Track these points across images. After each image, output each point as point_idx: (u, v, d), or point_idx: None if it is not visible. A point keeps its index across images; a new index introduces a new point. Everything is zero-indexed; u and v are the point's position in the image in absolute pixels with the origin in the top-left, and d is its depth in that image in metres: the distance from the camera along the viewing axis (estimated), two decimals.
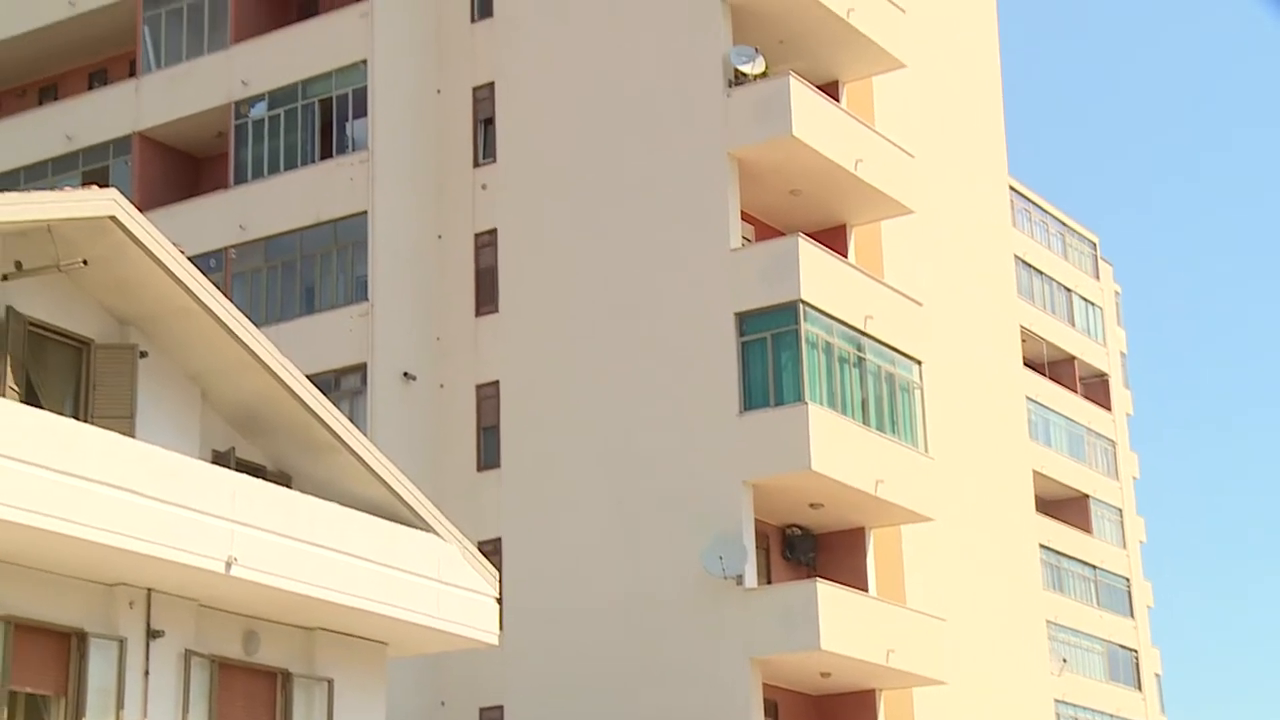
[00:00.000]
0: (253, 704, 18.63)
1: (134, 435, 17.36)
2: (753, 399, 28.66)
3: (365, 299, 31.27)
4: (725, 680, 27.65)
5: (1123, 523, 62.28)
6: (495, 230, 31.81)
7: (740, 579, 27.78)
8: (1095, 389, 62.91)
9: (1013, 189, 52.83)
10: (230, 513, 17.22)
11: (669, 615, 28.35)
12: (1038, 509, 45.87)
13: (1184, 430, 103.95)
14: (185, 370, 18.62)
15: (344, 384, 30.93)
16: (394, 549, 19.20)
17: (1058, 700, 49.00)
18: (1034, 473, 41.85)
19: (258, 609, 18.42)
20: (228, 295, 26.19)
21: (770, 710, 28.46)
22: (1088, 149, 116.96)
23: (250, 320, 18.75)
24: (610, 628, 28.86)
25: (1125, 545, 61.89)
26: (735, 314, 29.03)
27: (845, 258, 31.41)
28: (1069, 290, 62.62)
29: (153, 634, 17.35)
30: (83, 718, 16.68)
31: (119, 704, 16.97)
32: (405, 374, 31.10)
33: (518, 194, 31.70)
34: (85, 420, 17.08)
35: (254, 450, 19.54)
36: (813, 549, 30.60)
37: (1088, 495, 60.10)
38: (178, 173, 35.40)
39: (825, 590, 27.66)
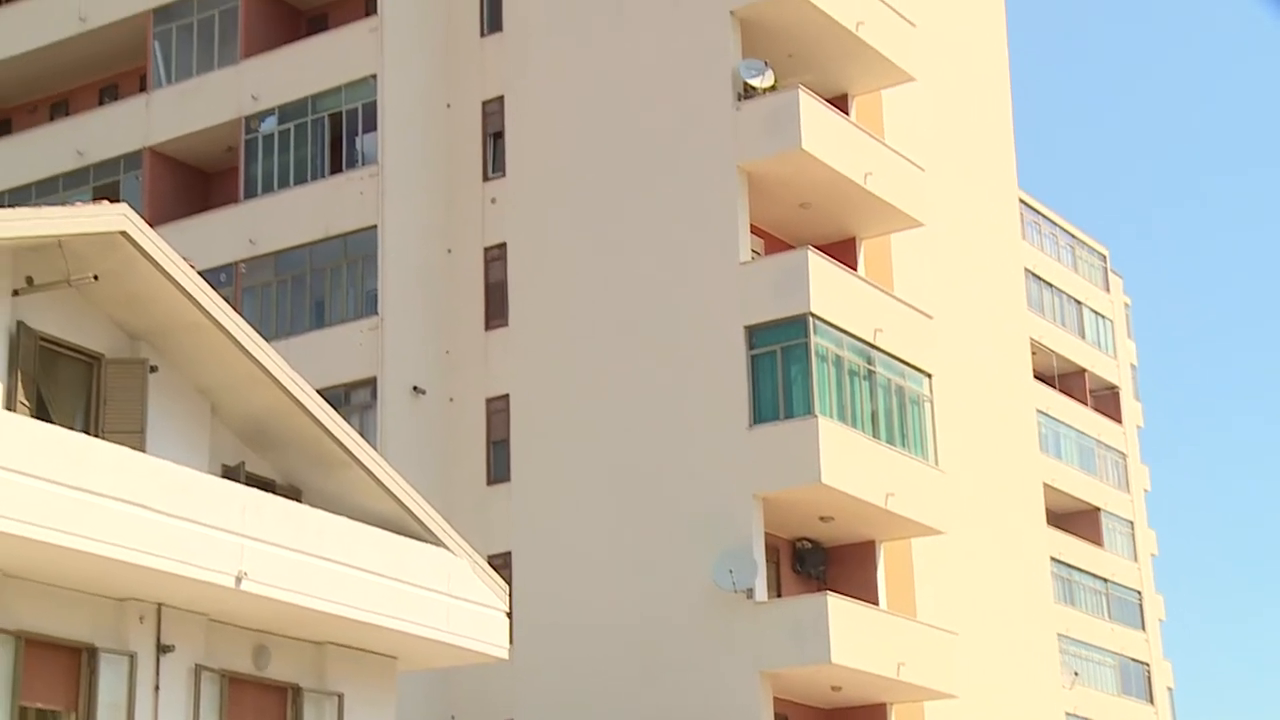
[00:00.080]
0: (263, 719, 18.63)
1: (144, 450, 17.38)
2: (762, 412, 28.65)
3: (375, 313, 31.30)
4: (735, 694, 27.60)
5: (1134, 535, 62.16)
6: (505, 244, 31.85)
7: (750, 592, 27.74)
8: (1106, 401, 62.82)
9: (1022, 202, 52.82)
10: (240, 527, 17.23)
11: (679, 629, 28.31)
12: (1048, 522, 45.76)
13: (1195, 443, 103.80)
14: (195, 385, 18.65)
15: (354, 398, 30.96)
16: (404, 563, 19.21)
17: (1069, 714, 48.83)
18: (1044, 485, 41.79)
19: (268, 623, 18.42)
20: (238, 310, 26.23)
21: None
22: (1098, 162, 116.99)
23: (260, 334, 18.78)
24: (620, 641, 28.83)
25: (1136, 558, 61.76)
26: (745, 327, 29.03)
27: (855, 271, 31.40)
28: (1079, 303, 62.57)
29: (163, 649, 17.36)
30: None
31: (129, 719, 16.97)
32: (415, 388, 31.12)
33: (527, 208, 31.73)
34: (95, 435, 17.10)
35: (264, 465, 19.56)
36: (823, 562, 30.57)
37: (1099, 508, 59.99)
38: (188, 187, 35.49)
39: (836, 603, 27.62)
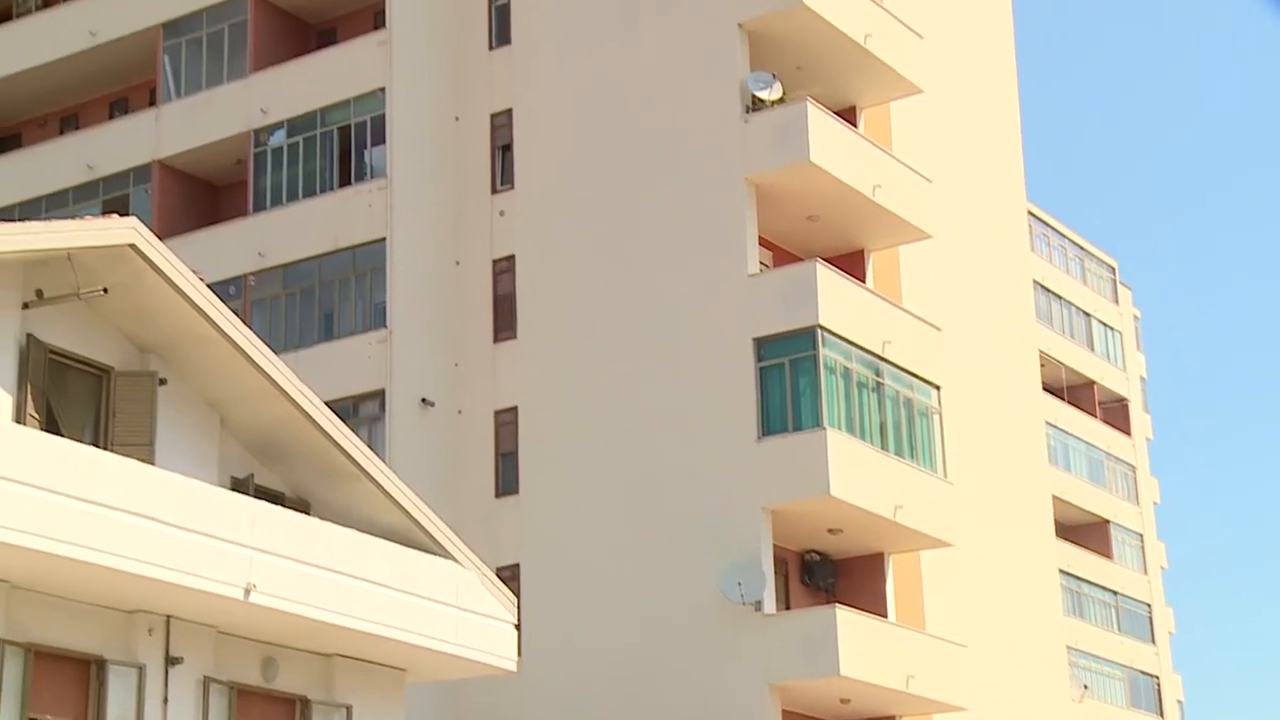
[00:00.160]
0: None
1: (153, 462, 17.41)
2: (771, 424, 28.64)
3: (384, 325, 31.34)
4: (744, 707, 27.56)
5: (1143, 548, 62.03)
6: (513, 256, 31.87)
7: (759, 605, 27.72)
8: (1115, 413, 62.74)
9: (1031, 214, 52.79)
10: (249, 539, 17.25)
11: (687, 641, 28.29)
12: (1058, 534, 45.70)
13: (1205, 455, 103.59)
14: (204, 397, 18.68)
15: (362, 410, 30.98)
16: (412, 575, 19.21)
17: None
18: (1054, 498, 41.74)
19: (276, 636, 18.43)
20: (247, 322, 26.29)
21: None
22: (1106, 173, 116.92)
23: (269, 347, 18.81)
24: (628, 653, 28.80)
25: (1146, 571, 61.62)
26: (753, 339, 29.03)
27: (863, 283, 31.40)
28: (1088, 315, 62.52)
29: (172, 661, 17.37)
30: None
31: None
32: (424, 400, 31.14)
33: (536, 220, 31.77)
34: (105, 447, 17.13)
35: (273, 477, 19.58)
36: (832, 574, 30.53)
37: (1108, 520, 59.88)
38: (197, 200, 35.57)
39: (844, 616, 27.58)
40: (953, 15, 36.61)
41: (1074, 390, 60.32)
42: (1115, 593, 59.21)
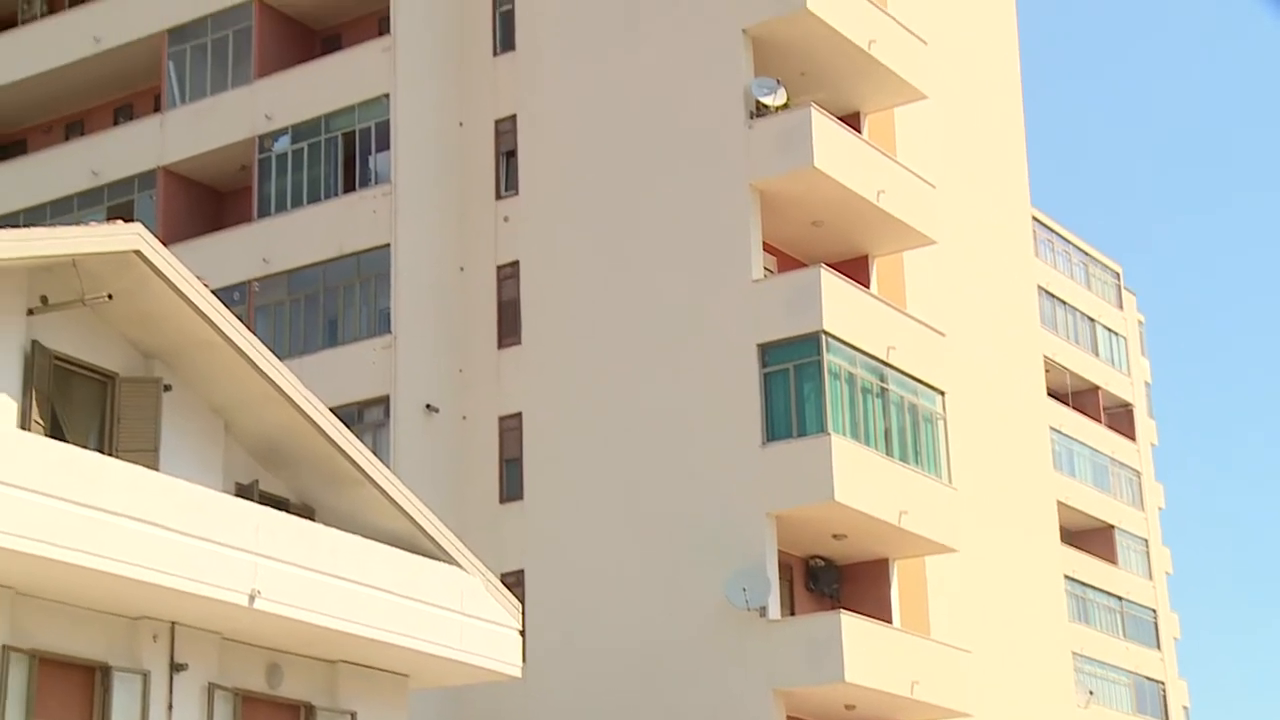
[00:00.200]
0: None
1: (158, 468, 17.42)
2: (775, 430, 28.63)
3: (388, 331, 31.35)
4: (748, 713, 27.54)
5: (1148, 553, 61.98)
6: (517, 262, 31.89)
7: (763, 611, 27.70)
8: (1119, 419, 62.71)
9: (1035, 219, 52.77)
10: (253, 546, 17.25)
11: (692, 647, 28.27)
12: (1062, 540, 45.65)
13: (1210, 460, 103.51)
14: (209, 403, 18.69)
15: (367, 416, 30.99)
16: (417, 581, 19.22)
17: None
18: (1058, 503, 41.69)
19: (281, 642, 18.43)
20: (251, 328, 26.32)
21: None
22: (1111, 179, 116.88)
23: (273, 353, 18.83)
24: (633, 659, 28.79)
25: (1151, 576, 61.56)
26: (758, 345, 29.03)
27: (867, 288, 31.39)
28: (1092, 320, 62.49)
29: (176, 667, 17.38)
30: None
31: None
32: (428, 406, 31.15)
33: (540, 226, 31.78)
34: (109, 454, 17.15)
35: (277, 483, 19.59)
36: (836, 580, 30.51)
37: (1113, 526, 59.84)
38: (202, 206, 35.60)
39: (849, 622, 27.56)
40: (957, 21, 36.62)
41: (1078, 395, 60.30)
42: (1120, 598, 59.14)
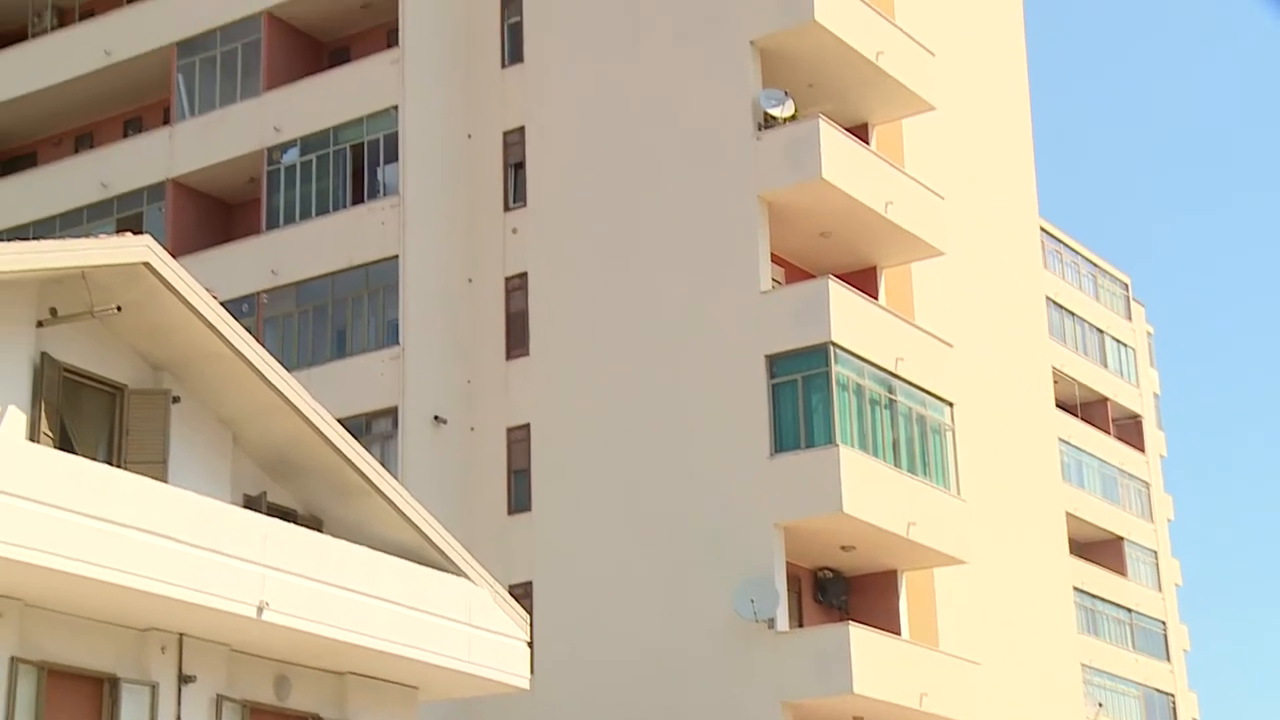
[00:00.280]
0: None
1: (166, 480, 17.44)
2: (784, 441, 28.62)
3: (396, 343, 31.38)
4: None
5: (1158, 565, 61.85)
6: (526, 274, 31.91)
7: (772, 622, 27.67)
8: (1128, 430, 62.60)
9: (1043, 230, 52.76)
10: (262, 557, 17.26)
11: (700, 659, 28.24)
12: (1071, 551, 45.59)
13: (1219, 471, 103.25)
14: (217, 415, 18.71)
15: (375, 428, 31.01)
16: (425, 593, 19.21)
17: None
18: (1067, 515, 41.60)
19: (289, 654, 18.43)
20: (260, 340, 26.34)
21: None
22: (1119, 190, 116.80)
23: (282, 364, 18.85)
24: (641, 671, 28.76)
25: (1160, 588, 61.42)
26: (766, 356, 29.02)
27: (876, 300, 31.39)
28: (1101, 331, 62.42)
29: (184, 679, 17.38)
30: None
31: None
32: (436, 417, 31.16)
33: (548, 237, 31.81)
34: (118, 465, 17.16)
35: (285, 494, 19.60)
36: (845, 592, 30.47)
37: (1122, 537, 59.71)
38: (211, 218, 35.67)
39: (858, 633, 27.53)
40: (964, 32, 36.64)
41: (1087, 407, 60.21)
42: (1130, 610, 59.00)
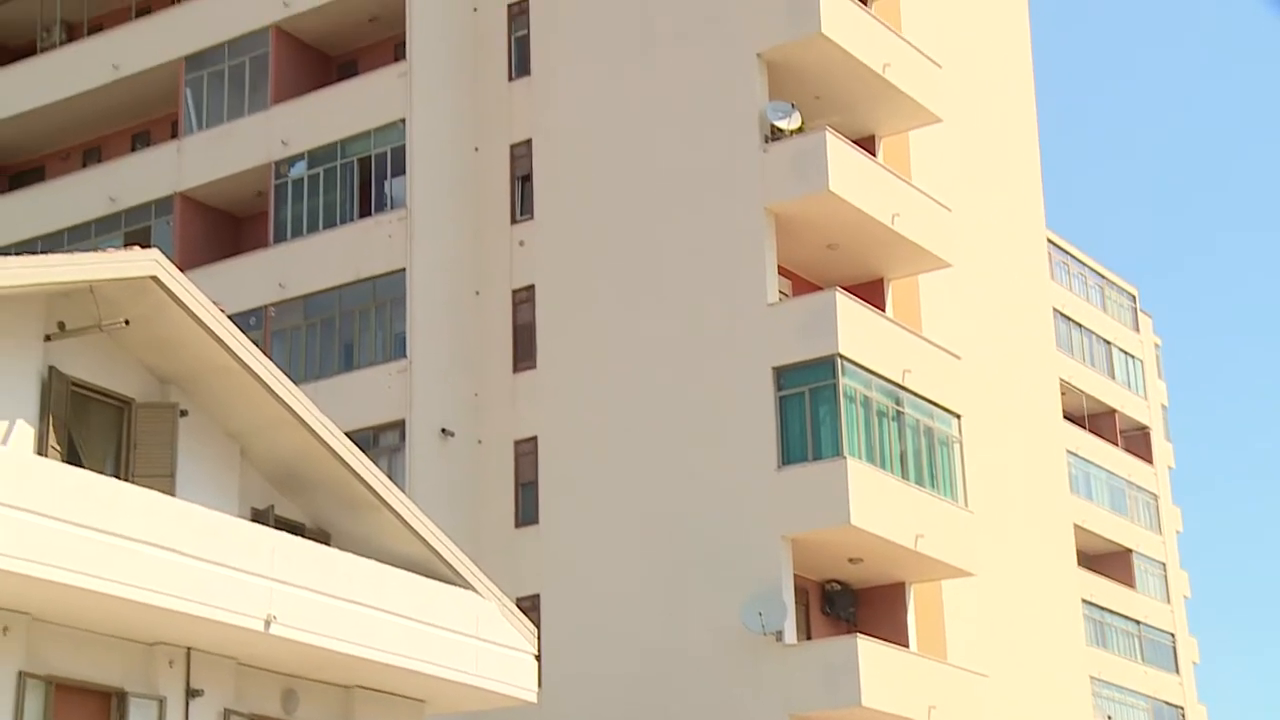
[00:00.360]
0: None
1: (174, 494, 17.44)
2: (791, 453, 28.59)
3: (404, 356, 31.40)
4: None
5: (1166, 577, 61.72)
6: (533, 286, 31.93)
7: (780, 635, 27.63)
8: (1136, 442, 62.51)
9: (1051, 242, 52.71)
10: (269, 571, 17.25)
11: (708, 671, 28.20)
12: (1080, 563, 45.49)
13: (1227, 483, 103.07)
14: (225, 428, 18.71)
15: (382, 441, 31.01)
16: (432, 606, 19.19)
17: None
18: (1075, 527, 41.54)
19: (297, 667, 18.42)
20: (267, 353, 26.33)
21: None
22: (1126, 201, 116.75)
23: (289, 378, 18.85)
24: (649, 684, 28.71)
25: (1169, 600, 61.29)
26: (773, 368, 29.01)
27: (883, 312, 31.37)
28: (1109, 343, 62.36)
29: (192, 693, 17.37)
30: None
31: None
32: (443, 430, 31.16)
33: (555, 250, 31.82)
34: (126, 479, 17.17)
35: (293, 508, 19.60)
36: (853, 604, 30.42)
37: (1130, 549, 59.60)
38: (218, 232, 35.71)
39: (866, 646, 27.48)
40: (971, 44, 36.65)
41: (1095, 418, 60.13)
42: (1138, 622, 58.88)
